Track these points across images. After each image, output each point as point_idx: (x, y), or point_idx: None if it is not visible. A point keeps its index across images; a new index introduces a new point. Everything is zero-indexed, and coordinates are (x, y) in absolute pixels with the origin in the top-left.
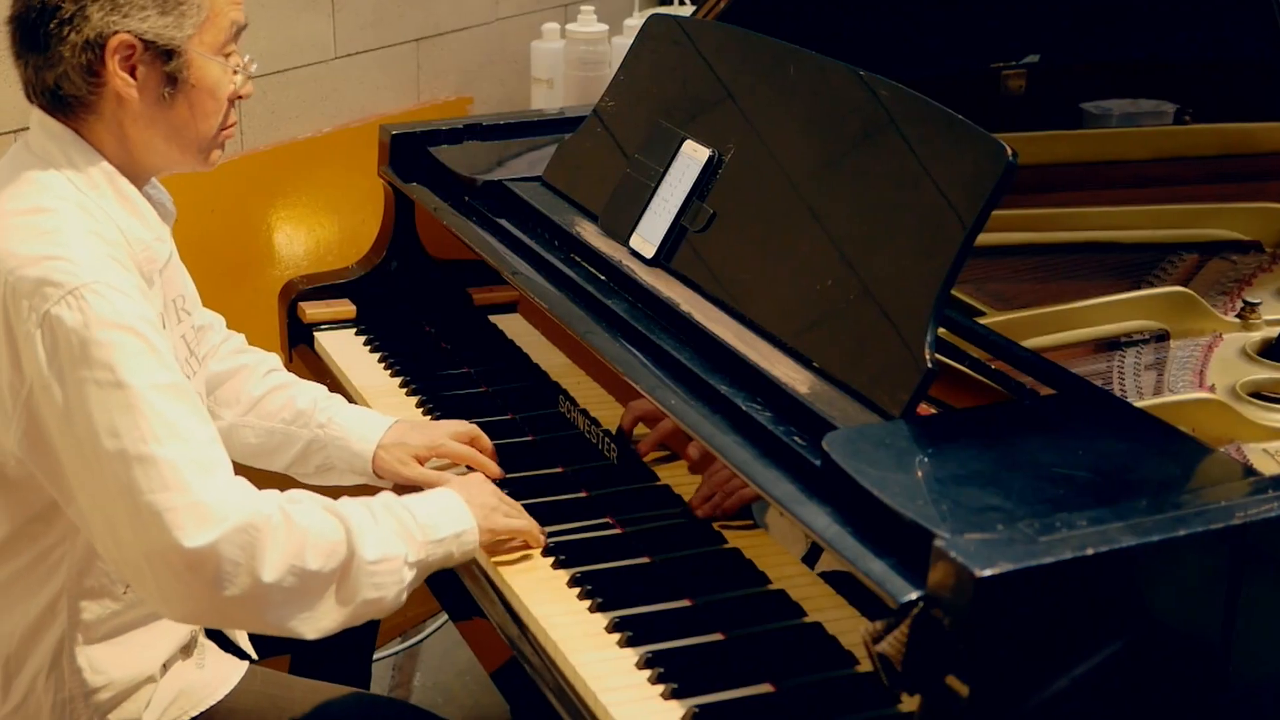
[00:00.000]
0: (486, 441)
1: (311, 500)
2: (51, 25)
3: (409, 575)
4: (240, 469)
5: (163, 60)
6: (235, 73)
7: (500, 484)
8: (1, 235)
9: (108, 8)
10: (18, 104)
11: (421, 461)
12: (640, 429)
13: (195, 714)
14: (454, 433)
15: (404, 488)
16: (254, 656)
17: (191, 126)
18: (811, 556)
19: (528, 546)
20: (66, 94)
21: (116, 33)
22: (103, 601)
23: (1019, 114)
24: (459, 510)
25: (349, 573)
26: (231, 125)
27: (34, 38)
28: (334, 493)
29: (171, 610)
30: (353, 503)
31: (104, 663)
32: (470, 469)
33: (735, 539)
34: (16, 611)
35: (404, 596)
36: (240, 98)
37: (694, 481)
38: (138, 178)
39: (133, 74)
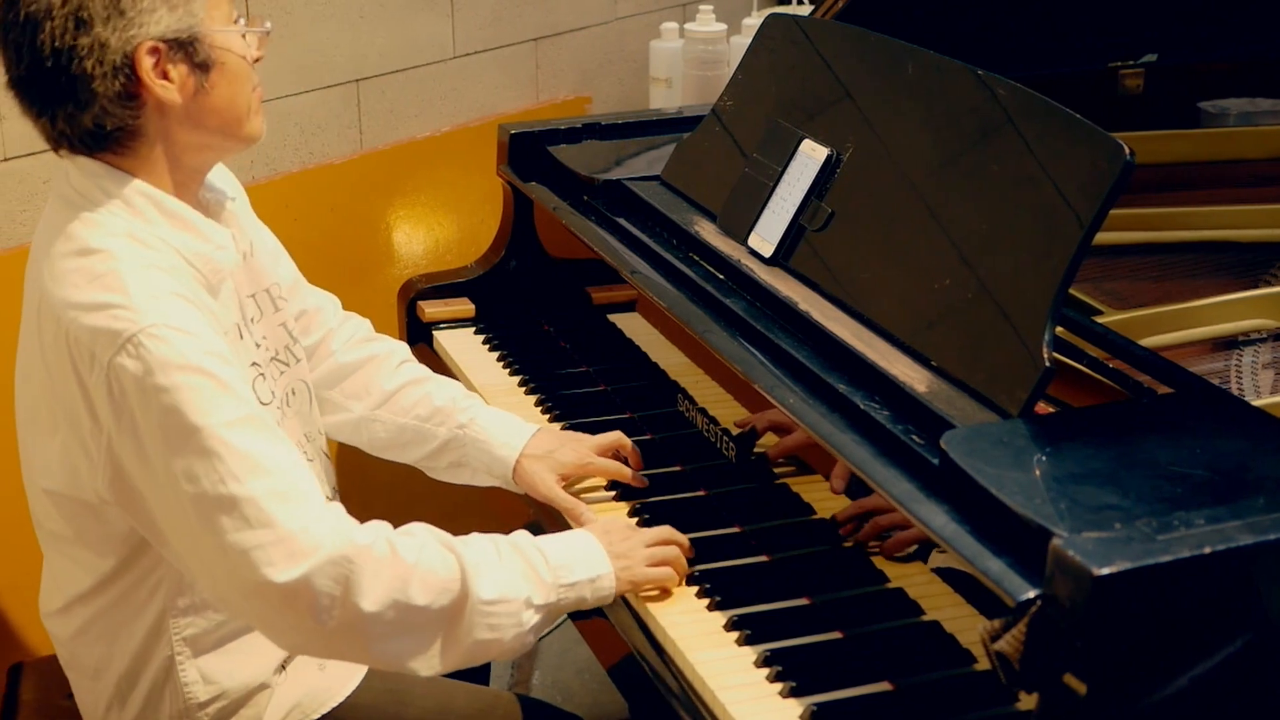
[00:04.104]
0: (637, 457)
1: (427, 534)
2: (73, 67)
3: (532, 618)
4: (370, 458)
5: (188, 53)
6: (244, 36)
7: (617, 485)
8: (57, 282)
9: (119, 24)
10: None
11: (566, 480)
12: (766, 439)
13: (316, 718)
14: (600, 446)
15: (536, 505)
16: None
17: (235, 103)
18: (923, 551)
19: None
20: (109, 129)
21: (139, 44)
22: (206, 614)
23: (1136, 113)
24: (596, 555)
25: (462, 611)
26: (259, 86)
27: (55, 88)
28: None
29: (280, 642)
30: (479, 539)
31: (215, 673)
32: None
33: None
34: (124, 632)
35: (530, 639)
36: (256, 60)
37: (813, 480)
38: (189, 184)
39: (166, 77)
